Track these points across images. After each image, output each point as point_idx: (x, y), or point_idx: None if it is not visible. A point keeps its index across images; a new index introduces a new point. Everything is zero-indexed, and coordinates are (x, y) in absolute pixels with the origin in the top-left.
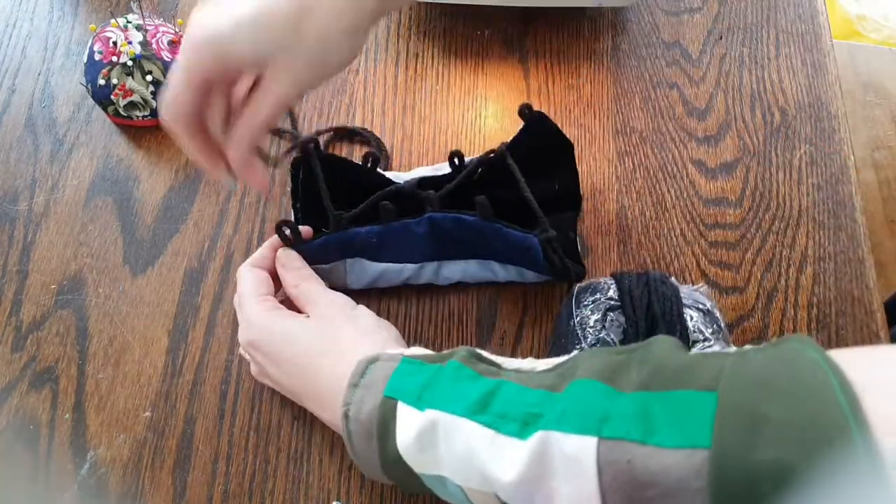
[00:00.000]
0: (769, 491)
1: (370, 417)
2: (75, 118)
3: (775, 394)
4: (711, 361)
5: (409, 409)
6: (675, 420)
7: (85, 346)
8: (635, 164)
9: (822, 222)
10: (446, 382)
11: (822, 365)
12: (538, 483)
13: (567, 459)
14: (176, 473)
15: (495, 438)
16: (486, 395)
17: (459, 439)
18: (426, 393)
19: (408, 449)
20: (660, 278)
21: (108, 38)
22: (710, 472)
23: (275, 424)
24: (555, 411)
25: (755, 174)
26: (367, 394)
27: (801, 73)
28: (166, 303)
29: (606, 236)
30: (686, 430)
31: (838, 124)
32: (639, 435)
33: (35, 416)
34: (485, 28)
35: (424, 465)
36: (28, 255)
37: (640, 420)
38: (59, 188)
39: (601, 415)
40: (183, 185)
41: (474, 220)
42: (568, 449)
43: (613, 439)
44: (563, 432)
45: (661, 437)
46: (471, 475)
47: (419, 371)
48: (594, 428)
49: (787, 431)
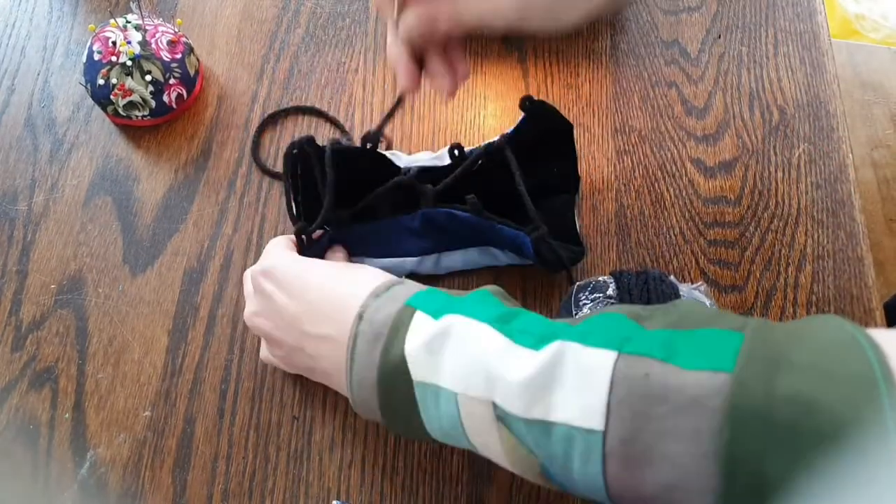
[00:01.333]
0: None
1: (385, 320)
2: (75, 118)
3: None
4: (738, 316)
5: (426, 317)
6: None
7: (84, 346)
8: (634, 163)
9: (821, 221)
10: (470, 302)
11: (849, 328)
12: (543, 390)
13: (580, 370)
14: (176, 473)
15: (510, 346)
16: (507, 315)
17: (472, 341)
18: (447, 307)
19: (414, 351)
20: (659, 277)
21: (107, 38)
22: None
23: (274, 423)
24: (577, 330)
25: (754, 173)
26: (388, 303)
27: (799, 72)
28: (166, 302)
29: (605, 235)
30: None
31: (837, 123)
32: (661, 354)
33: (35, 415)
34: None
35: (425, 372)
36: (28, 255)
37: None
38: (58, 188)
39: (624, 335)
40: (182, 185)
41: (467, 216)
42: (584, 359)
43: (634, 355)
44: (583, 344)
45: (683, 360)
46: (473, 379)
47: (444, 295)
48: (616, 344)
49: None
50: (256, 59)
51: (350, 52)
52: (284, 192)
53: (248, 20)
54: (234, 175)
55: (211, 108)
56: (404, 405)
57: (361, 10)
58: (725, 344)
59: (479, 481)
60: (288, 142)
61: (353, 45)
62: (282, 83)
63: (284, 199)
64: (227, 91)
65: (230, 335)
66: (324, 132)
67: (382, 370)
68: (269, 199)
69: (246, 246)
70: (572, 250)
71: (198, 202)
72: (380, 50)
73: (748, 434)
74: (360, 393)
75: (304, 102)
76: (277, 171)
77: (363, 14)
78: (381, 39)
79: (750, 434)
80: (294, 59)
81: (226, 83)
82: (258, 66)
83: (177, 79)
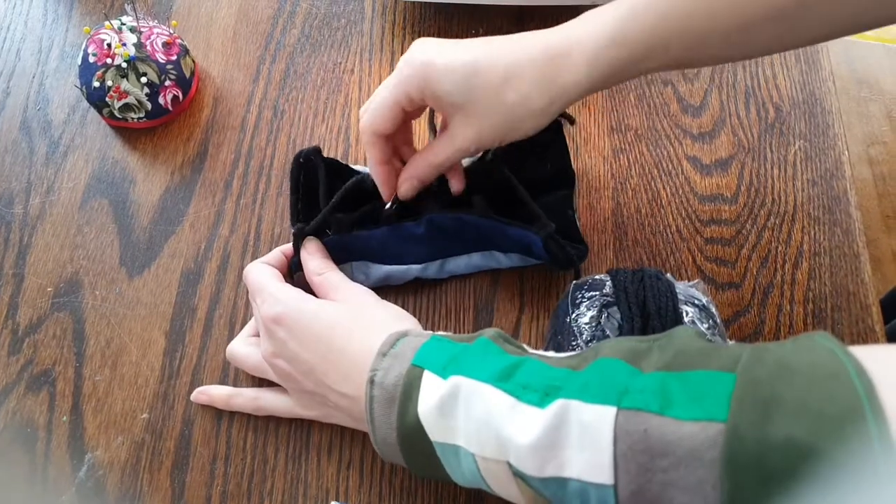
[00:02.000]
0: (781, 466)
1: (396, 383)
2: (70, 120)
3: (792, 376)
4: (731, 349)
5: (434, 377)
6: (693, 395)
7: (82, 349)
8: (630, 162)
9: (817, 218)
10: (473, 355)
11: (838, 354)
12: (552, 450)
13: (584, 427)
14: (174, 475)
15: (516, 405)
16: (510, 367)
17: (480, 404)
18: (452, 364)
19: (428, 414)
20: (655, 275)
21: (102, 41)
22: (725, 444)
23: (273, 425)
24: (577, 383)
25: (750, 170)
26: (395, 362)
27: (794, 69)
28: (163, 304)
29: (602, 234)
30: (703, 405)
31: (832, 120)
32: (657, 407)
33: (32, 418)
34: (479, 27)
35: (441, 433)
36: (24, 258)
37: (659, 394)
38: (54, 191)
39: (622, 388)
40: (179, 187)
41: (474, 219)
42: (586, 417)
43: (632, 409)
44: (583, 401)
45: (678, 410)
46: (486, 441)
47: (448, 346)
48: (614, 399)
49: (802, 412)
50: (252, 60)
51: (346, 52)
52: (290, 201)
53: (243, 21)
54: (231, 176)
55: (207, 109)
56: (428, 460)
57: (357, 11)
58: (718, 389)
59: None
60: (284, 146)
61: (349, 45)
62: (278, 84)
63: (281, 201)
64: (223, 92)
65: (227, 337)
66: (325, 142)
67: (401, 432)
68: (265, 200)
69: (243, 247)
70: (577, 248)
71: (194, 204)
72: (375, 50)
73: (747, 483)
74: (385, 450)
75: (299, 103)
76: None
77: (359, 14)
78: (377, 40)
79: (749, 482)
80: (290, 60)
81: (222, 84)
82: (254, 67)
83: (172, 80)
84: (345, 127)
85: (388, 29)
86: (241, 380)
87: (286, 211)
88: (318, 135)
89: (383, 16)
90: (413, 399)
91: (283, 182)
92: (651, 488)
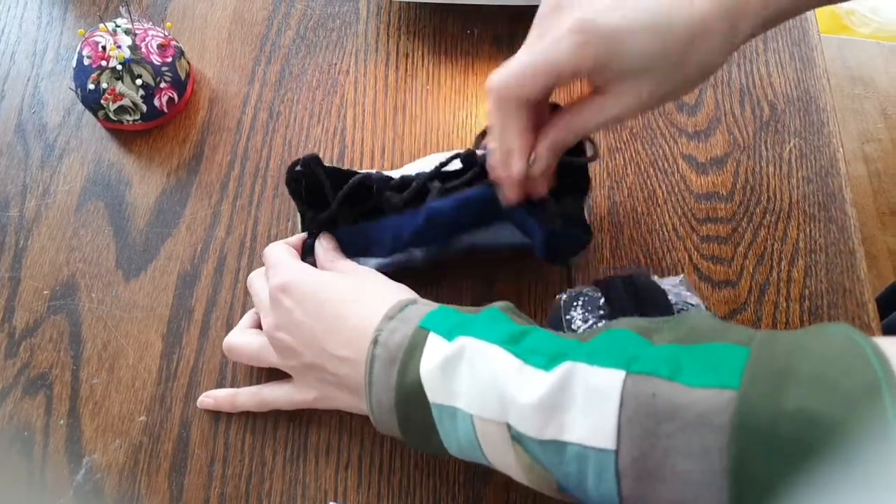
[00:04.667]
0: (792, 436)
1: (400, 343)
2: (65, 123)
3: (807, 353)
4: (745, 329)
5: (439, 338)
6: (705, 364)
7: (79, 352)
8: (626, 160)
9: (813, 215)
10: (481, 321)
11: (855, 336)
12: (555, 412)
13: (590, 391)
14: (172, 477)
15: (522, 367)
16: (519, 334)
17: (484, 364)
18: (459, 327)
19: (430, 373)
20: (645, 284)
21: (96, 43)
22: (736, 410)
23: (270, 426)
24: (585, 349)
25: (745, 168)
26: (402, 325)
27: (789, 67)
28: (160, 306)
29: (598, 233)
30: (716, 373)
31: (827, 118)
32: (667, 372)
33: (29, 422)
34: (474, 27)
35: (441, 394)
36: (20, 262)
37: (670, 361)
38: (50, 193)
39: (631, 354)
40: (175, 189)
41: (481, 191)
42: (593, 381)
43: (641, 374)
44: (591, 365)
45: (689, 377)
46: (488, 401)
47: (456, 314)
48: (623, 363)
49: (816, 384)
50: (247, 61)
51: (341, 53)
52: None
53: (238, 23)
54: (227, 178)
55: (202, 111)
56: (422, 425)
57: (352, 12)
58: (731, 359)
59: (477, 482)
60: (280, 148)
61: (344, 46)
62: (273, 85)
63: (278, 202)
64: (218, 94)
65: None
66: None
67: (399, 393)
68: (261, 201)
69: (239, 249)
70: (579, 236)
71: (190, 206)
72: (370, 51)
73: (755, 450)
74: (380, 414)
75: (295, 104)
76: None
77: (353, 15)
78: (372, 41)
79: (757, 450)
80: (285, 61)
81: (217, 86)
82: (249, 68)
83: (167, 82)
84: (340, 128)
85: (382, 30)
86: (239, 381)
87: (282, 212)
88: (314, 136)
89: (378, 17)
90: (415, 358)
91: (280, 183)
92: (653, 454)
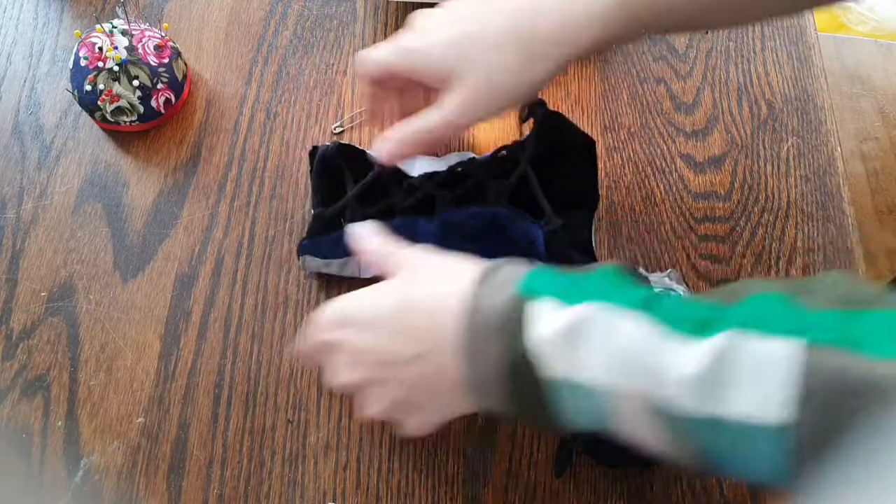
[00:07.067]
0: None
1: (502, 310)
2: (62, 124)
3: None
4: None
5: (553, 302)
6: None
7: (76, 353)
8: (624, 160)
9: (811, 214)
10: (599, 283)
11: None
12: (717, 385)
13: (761, 362)
14: (170, 479)
15: (668, 335)
16: (648, 298)
17: (622, 332)
18: (574, 290)
19: (545, 345)
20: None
21: (93, 44)
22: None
23: (269, 427)
24: (737, 318)
25: (743, 167)
26: (499, 291)
27: (786, 66)
28: (158, 307)
29: (597, 232)
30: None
31: (825, 116)
32: (851, 344)
33: (27, 424)
34: None
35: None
36: (17, 263)
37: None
38: (47, 195)
39: (799, 323)
40: (172, 190)
41: (487, 211)
42: (764, 351)
43: (823, 345)
44: (758, 334)
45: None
46: (629, 374)
47: (559, 275)
48: (797, 333)
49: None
50: (245, 62)
51: (338, 53)
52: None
53: (235, 23)
54: (224, 179)
55: (199, 112)
56: (532, 400)
57: (349, 12)
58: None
59: (475, 482)
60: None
61: (342, 46)
62: (270, 86)
63: (275, 203)
64: (215, 95)
65: (223, 339)
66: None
67: (510, 365)
68: (259, 202)
69: (237, 250)
70: (584, 260)
71: (188, 207)
72: None
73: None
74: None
75: (292, 105)
76: None
77: (351, 16)
78: (369, 41)
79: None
80: (282, 62)
81: (214, 87)
82: (246, 69)
83: (164, 83)
84: (337, 128)
85: (380, 30)
86: (238, 382)
87: (280, 213)
88: (312, 136)
89: (375, 17)
90: (523, 328)
91: (277, 184)
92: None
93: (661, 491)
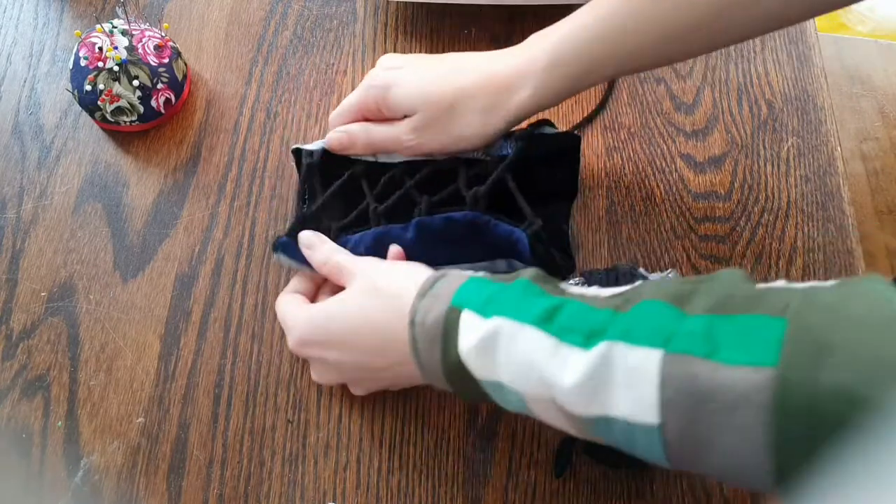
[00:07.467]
0: (831, 414)
1: (436, 323)
2: (62, 125)
3: (845, 322)
4: (781, 293)
5: (473, 316)
6: (742, 340)
7: (76, 353)
8: (624, 160)
9: (811, 214)
10: (513, 295)
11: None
12: (596, 391)
13: (630, 370)
14: (170, 479)
15: (558, 347)
16: (552, 309)
17: (521, 346)
18: (492, 304)
19: (469, 354)
20: (628, 272)
21: (93, 44)
22: (773, 390)
23: (269, 427)
24: (620, 326)
25: (743, 167)
26: (434, 303)
27: (787, 65)
28: (158, 307)
29: (596, 232)
30: (752, 350)
31: (825, 116)
32: (704, 351)
33: (27, 424)
34: (472, 27)
35: (484, 372)
36: (17, 263)
37: (706, 338)
38: (47, 195)
39: (667, 331)
40: (172, 190)
41: (464, 215)
42: (632, 360)
43: (678, 353)
44: (628, 344)
45: (727, 355)
46: (529, 380)
47: (486, 286)
48: (660, 342)
49: (854, 359)
50: (245, 62)
51: (338, 53)
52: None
53: (235, 23)
54: (224, 179)
55: (199, 112)
56: (476, 391)
57: (349, 12)
58: (767, 334)
59: (476, 482)
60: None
61: (342, 46)
62: (270, 86)
63: (275, 203)
64: (215, 95)
65: (223, 339)
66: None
67: (446, 367)
68: (259, 202)
69: (237, 250)
70: (564, 260)
71: (188, 207)
72: (368, 51)
73: (795, 427)
74: (438, 385)
75: (292, 105)
76: None
77: (351, 16)
78: (369, 41)
79: (797, 427)
80: (282, 62)
81: (214, 87)
82: (246, 69)
83: (164, 83)
84: None
85: (380, 30)
86: (237, 383)
87: (280, 213)
88: (312, 136)
89: (375, 17)
90: (453, 338)
91: (277, 184)
92: (698, 429)
93: (661, 491)
